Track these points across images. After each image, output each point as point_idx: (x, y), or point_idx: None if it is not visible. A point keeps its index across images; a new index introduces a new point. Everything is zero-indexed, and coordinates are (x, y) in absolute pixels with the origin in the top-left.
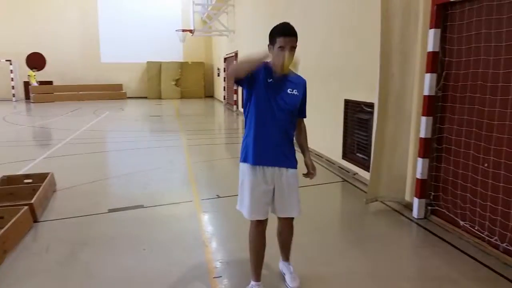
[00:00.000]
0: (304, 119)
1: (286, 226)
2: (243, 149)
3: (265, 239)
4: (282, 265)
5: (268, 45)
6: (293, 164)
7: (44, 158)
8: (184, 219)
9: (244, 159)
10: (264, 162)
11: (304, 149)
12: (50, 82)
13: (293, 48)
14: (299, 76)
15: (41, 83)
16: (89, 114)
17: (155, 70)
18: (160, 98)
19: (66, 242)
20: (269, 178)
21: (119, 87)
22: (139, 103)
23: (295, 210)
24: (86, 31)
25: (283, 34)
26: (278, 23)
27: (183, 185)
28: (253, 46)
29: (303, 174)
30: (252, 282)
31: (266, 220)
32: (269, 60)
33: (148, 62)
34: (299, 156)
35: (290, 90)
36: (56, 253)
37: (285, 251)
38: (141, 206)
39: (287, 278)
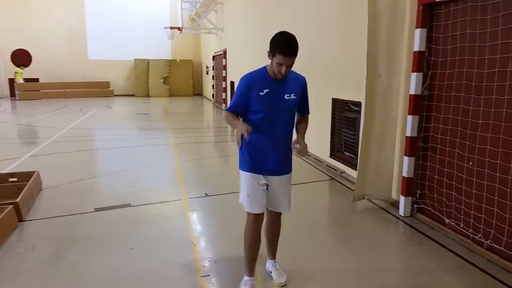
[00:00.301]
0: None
1: (274, 221)
2: (241, 158)
3: (260, 236)
4: (268, 264)
5: (268, 52)
6: (289, 170)
7: (29, 157)
8: (172, 218)
9: (243, 168)
10: (262, 172)
11: (300, 132)
12: (36, 79)
13: (291, 66)
14: (298, 75)
15: (27, 80)
16: (75, 112)
17: (143, 67)
18: (148, 96)
19: (52, 241)
20: (264, 181)
21: (106, 84)
22: (126, 101)
23: (286, 206)
24: (73, 28)
25: (283, 53)
26: (267, 21)
27: (171, 184)
28: (242, 44)
29: (293, 146)
30: (246, 277)
31: (263, 215)
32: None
33: (135, 59)
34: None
35: (287, 96)
36: (42, 252)
37: (271, 248)
38: (129, 205)
39: (274, 275)
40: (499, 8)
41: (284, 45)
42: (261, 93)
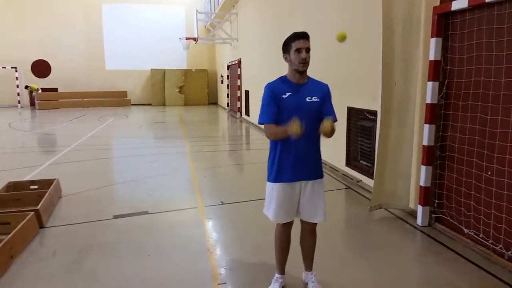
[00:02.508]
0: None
1: (309, 232)
2: (270, 169)
3: (290, 238)
4: (304, 275)
5: (284, 55)
6: (320, 174)
7: (49, 165)
8: (189, 226)
9: (272, 178)
10: (291, 178)
11: None
12: (55, 89)
13: (308, 50)
14: (321, 82)
15: (46, 90)
16: (93, 121)
17: (159, 77)
18: (164, 105)
19: (71, 248)
20: (297, 188)
21: (123, 94)
22: (143, 110)
23: (320, 215)
24: (91, 39)
25: (297, 37)
26: (281, 31)
27: (187, 192)
28: (256, 54)
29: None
30: (277, 275)
31: (292, 221)
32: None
33: (152, 69)
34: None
35: (309, 98)
36: (62, 259)
37: (307, 260)
38: (146, 213)
39: (309, 287)
40: None
41: (294, 33)
42: (284, 96)
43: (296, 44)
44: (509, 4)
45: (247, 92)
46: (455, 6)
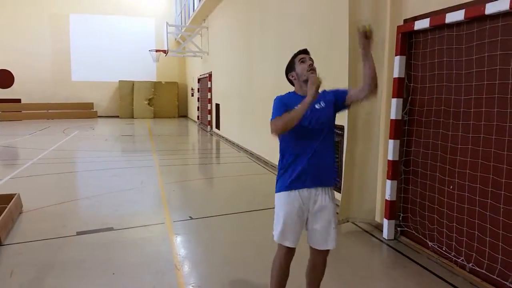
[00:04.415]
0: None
1: (321, 261)
2: (280, 175)
3: (289, 270)
4: None
5: (289, 75)
6: (332, 182)
7: (10, 178)
8: (156, 242)
9: (282, 187)
10: (307, 185)
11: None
12: (18, 100)
13: (311, 59)
14: (324, 90)
15: (9, 101)
16: (58, 133)
17: (127, 89)
18: (132, 117)
19: (31, 266)
20: (304, 201)
21: (89, 105)
22: (110, 122)
23: (334, 238)
24: (58, 49)
25: (298, 53)
26: (251, 44)
27: (155, 207)
28: (227, 67)
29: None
30: None
31: (295, 250)
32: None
33: (120, 81)
34: None
35: (317, 106)
36: (21, 278)
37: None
38: (111, 229)
39: None
40: (473, 38)
41: (296, 52)
42: (295, 107)
43: (299, 57)
44: (467, 26)
45: (217, 105)
46: (417, 26)
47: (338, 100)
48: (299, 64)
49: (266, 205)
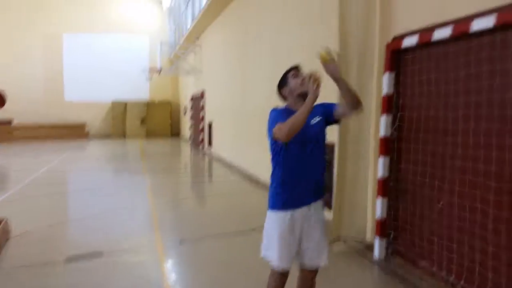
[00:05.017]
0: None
1: (310, 281)
2: (273, 193)
3: None
4: None
5: (282, 90)
6: (322, 194)
7: None
8: (146, 266)
9: (275, 205)
10: (297, 203)
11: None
12: (9, 121)
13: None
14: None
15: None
16: (50, 153)
17: (120, 108)
18: (124, 137)
19: None
20: (299, 221)
21: (82, 126)
22: (102, 142)
23: (324, 257)
24: (51, 69)
25: (290, 69)
26: (245, 63)
27: (145, 229)
28: (220, 85)
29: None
30: None
31: (288, 273)
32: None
33: (113, 101)
34: None
35: (313, 120)
36: None
37: None
38: (101, 253)
39: None
40: (459, 55)
41: (289, 68)
42: (298, 111)
43: (291, 73)
44: (454, 43)
45: (210, 124)
46: (406, 43)
47: (328, 114)
48: (292, 79)
49: (258, 224)
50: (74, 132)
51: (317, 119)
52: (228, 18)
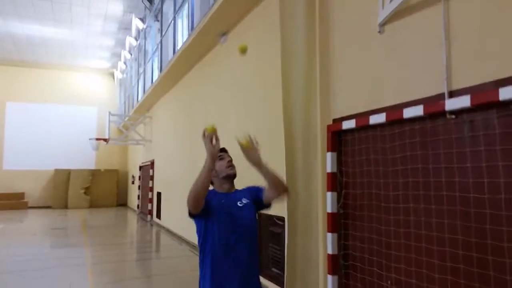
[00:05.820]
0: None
1: None
2: (201, 281)
3: None
4: None
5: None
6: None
7: None
8: None
9: None
10: None
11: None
12: None
13: (230, 157)
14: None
15: None
16: None
17: (63, 177)
18: (66, 207)
19: None
20: None
21: (20, 196)
22: (42, 213)
23: None
24: None
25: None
26: (194, 137)
27: None
28: (170, 156)
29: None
30: None
31: None
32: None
33: (56, 169)
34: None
35: (240, 203)
36: None
37: None
38: None
39: None
40: (395, 138)
41: None
42: (214, 202)
43: (219, 155)
44: (389, 127)
45: (159, 194)
46: (345, 125)
47: (256, 197)
48: (218, 161)
49: None
50: (11, 202)
51: (244, 201)
52: (177, 92)
